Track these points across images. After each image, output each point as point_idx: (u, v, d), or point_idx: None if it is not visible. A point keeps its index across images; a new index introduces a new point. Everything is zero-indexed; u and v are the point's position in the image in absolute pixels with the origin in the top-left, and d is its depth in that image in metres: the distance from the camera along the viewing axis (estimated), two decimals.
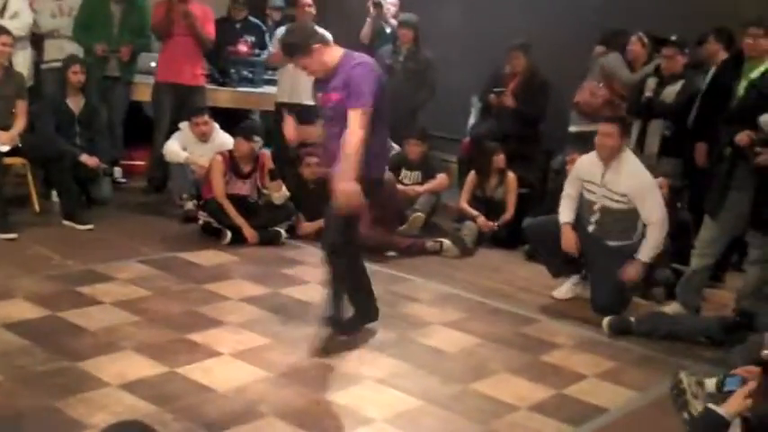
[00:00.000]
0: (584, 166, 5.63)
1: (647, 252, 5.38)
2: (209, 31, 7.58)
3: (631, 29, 7.13)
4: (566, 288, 5.77)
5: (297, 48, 4.43)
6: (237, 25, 8.43)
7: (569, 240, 5.54)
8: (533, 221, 5.93)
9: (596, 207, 5.52)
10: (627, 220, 5.46)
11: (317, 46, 4.40)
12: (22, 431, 3.45)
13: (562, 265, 5.75)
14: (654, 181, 5.51)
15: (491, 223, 6.95)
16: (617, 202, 5.42)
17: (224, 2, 8.48)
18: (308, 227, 6.62)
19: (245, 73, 8.36)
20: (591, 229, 5.56)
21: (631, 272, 5.39)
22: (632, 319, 5.19)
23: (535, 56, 7.56)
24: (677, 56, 6.53)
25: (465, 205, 7.08)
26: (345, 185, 4.17)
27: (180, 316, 4.84)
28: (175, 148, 6.91)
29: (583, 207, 5.63)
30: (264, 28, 8.69)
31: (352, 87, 4.29)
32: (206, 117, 6.98)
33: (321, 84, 4.53)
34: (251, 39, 8.43)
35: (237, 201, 6.44)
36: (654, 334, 5.09)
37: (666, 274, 5.95)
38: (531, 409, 4.07)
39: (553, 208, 6.16)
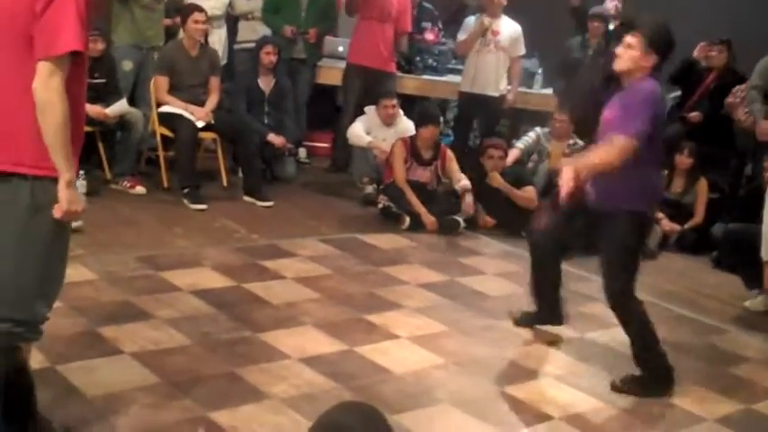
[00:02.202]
0: None
1: None
2: (405, 22, 7.61)
3: None
4: (760, 299, 5.45)
5: (658, 41, 4.06)
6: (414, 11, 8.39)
7: None
8: (732, 229, 5.60)
9: None
10: None
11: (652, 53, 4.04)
12: (206, 395, 3.54)
13: (758, 277, 5.44)
14: None
15: (676, 226, 6.67)
16: None
17: None
18: (487, 220, 6.56)
19: (430, 61, 8.35)
20: None
21: None
22: None
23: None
24: None
25: None
26: (570, 170, 3.89)
27: (358, 296, 4.88)
28: (359, 131, 6.97)
29: None
30: (437, 13, 8.68)
31: (629, 110, 3.98)
32: (395, 101, 7.04)
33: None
34: (428, 25, 8.41)
35: (417, 187, 6.44)
36: None
37: None
38: (717, 421, 3.89)
39: (745, 215, 5.85)
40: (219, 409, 3.43)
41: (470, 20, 7.67)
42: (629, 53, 4.06)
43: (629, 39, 4.07)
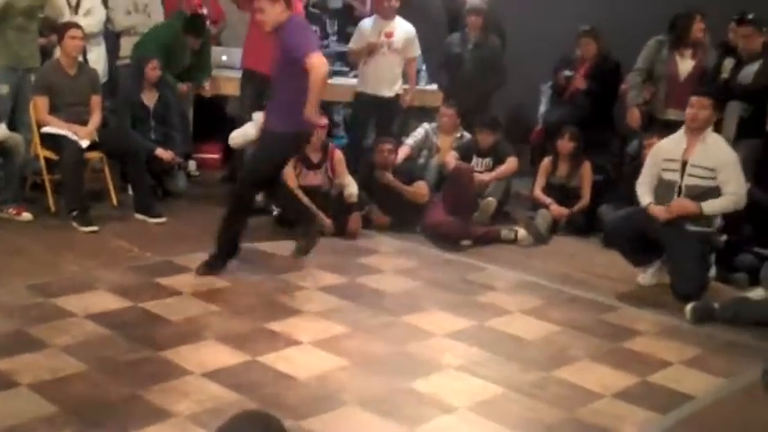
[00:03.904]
0: (665, 146, 5.58)
1: (710, 207, 5.32)
2: None
3: (703, 10, 6.85)
4: (649, 275, 5.65)
5: None
6: None
7: (662, 212, 5.38)
8: (609, 223, 5.78)
9: (677, 187, 5.40)
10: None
11: (282, 1, 4.98)
12: (109, 420, 3.48)
13: (642, 256, 5.63)
14: (737, 157, 5.42)
15: (564, 210, 6.84)
16: (703, 178, 5.33)
17: None
18: (382, 219, 6.61)
19: None
20: None
21: (683, 205, 5.31)
22: (716, 305, 5.06)
23: (607, 43, 7.46)
24: (755, 35, 6.35)
25: (539, 193, 6.99)
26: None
27: (258, 306, 4.87)
28: (239, 131, 6.94)
29: (662, 190, 5.50)
30: (325, 18, 8.72)
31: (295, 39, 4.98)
32: None
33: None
34: (314, 28, 8.43)
35: (310, 191, 6.43)
36: (738, 320, 4.97)
37: (749, 259, 5.82)
38: (615, 396, 4.00)
39: (628, 195, 6.04)
40: None
41: (365, 23, 7.69)
42: (269, 14, 4.99)
43: (261, 4, 4.99)
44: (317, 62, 4.92)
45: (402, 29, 7.56)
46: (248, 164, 5.57)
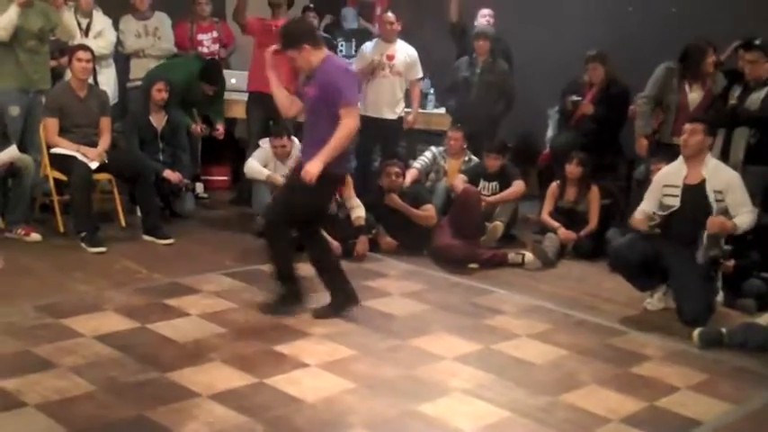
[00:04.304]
0: (666, 173, 5.68)
1: (741, 222, 5.34)
2: None
3: (711, 38, 6.87)
4: (656, 299, 5.65)
5: (288, 41, 4.91)
6: None
7: (642, 223, 5.53)
8: (614, 248, 5.78)
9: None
10: None
11: (306, 46, 4.84)
12: None
13: (648, 281, 5.64)
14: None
15: (572, 234, 6.84)
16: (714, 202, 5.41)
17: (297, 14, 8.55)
18: (389, 242, 6.62)
19: None
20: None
21: (720, 222, 5.31)
22: (723, 330, 5.04)
23: (615, 66, 7.49)
24: (761, 61, 6.36)
25: (546, 217, 7.00)
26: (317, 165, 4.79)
27: (266, 328, 4.88)
28: (256, 164, 6.87)
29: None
30: (335, 42, 8.76)
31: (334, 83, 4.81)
32: (284, 140, 6.77)
33: (307, 79, 5.03)
34: None
35: None
36: (746, 345, 4.94)
37: (757, 285, 5.80)
38: (623, 421, 3.99)
39: None
40: None
41: (367, 46, 7.74)
42: (299, 61, 4.90)
43: (291, 54, 4.91)
44: (351, 116, 4.80)
45: (403, 52, 7.61)
46: (282, 202, 5.17)
